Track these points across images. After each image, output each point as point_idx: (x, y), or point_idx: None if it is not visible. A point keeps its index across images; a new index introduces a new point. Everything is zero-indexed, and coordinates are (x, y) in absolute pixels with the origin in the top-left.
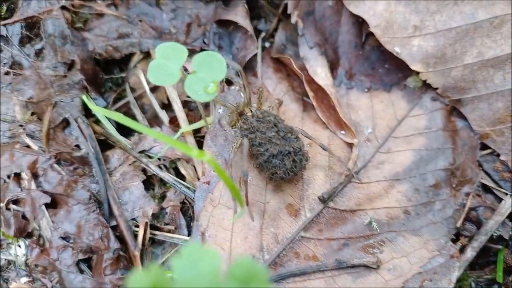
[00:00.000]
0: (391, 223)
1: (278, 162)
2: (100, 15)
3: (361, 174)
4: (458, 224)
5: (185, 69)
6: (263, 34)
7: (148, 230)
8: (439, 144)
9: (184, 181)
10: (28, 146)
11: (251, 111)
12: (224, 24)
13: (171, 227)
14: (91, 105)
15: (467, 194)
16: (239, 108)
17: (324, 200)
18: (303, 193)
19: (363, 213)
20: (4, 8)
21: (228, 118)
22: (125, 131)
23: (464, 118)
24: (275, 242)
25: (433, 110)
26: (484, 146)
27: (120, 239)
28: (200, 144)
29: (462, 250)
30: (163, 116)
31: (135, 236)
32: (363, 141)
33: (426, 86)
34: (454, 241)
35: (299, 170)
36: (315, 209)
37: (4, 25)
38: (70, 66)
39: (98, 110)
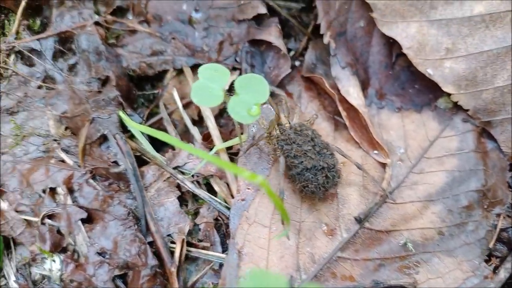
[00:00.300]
0: (426, 244)
1: (310, 176)
2: (133, 31)
3: (395, 194)
4: (490, 245)
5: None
6: (292, 53)
7: (185, 247)
8: (471, 165)
9: (215, 197)
10: (63, 161)
11: (289, 122)
12: (256, 43)
13: (206, 244)
14: (129, 122)
15: (498, 215)
16: (277, 120)
17: (360, 220)
18: (338, 212)
19: (398, 233)
20: (38, 22)
21: (263, 132)
22: (156, 147)
23: (493, 139)
24: (312, 261)
25: (464, 131)
26: None
27: (156, 255)
28: (232, 161)
29: (495, 270)
30: (195, 132)
31: (171, 252)
32: (396, 161)
33: (457, 107)
34: (487, 261)
35: (331, 186)
36: (351, 229)
37: (38, 39)
38: (104, 82)
39: (136, 126)
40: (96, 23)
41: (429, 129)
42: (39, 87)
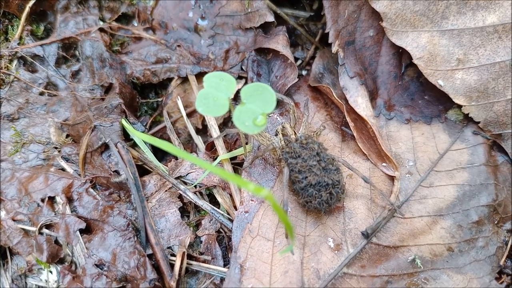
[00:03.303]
0: (434, 261)
1: (314, 192)
2: (138, 38)
3: (403, 208)
4: (501, 262)
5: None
6: (299, 62)
7: (185, 260)
8: (482, 179)
9: (218, 208)
10: (63, 169)
11: (295, 133)
12: (262, 51)
13: (207, 257)
14: (131, 130)
15: (509, 231)
16: (283, 131)
17: (367, 235)
18: (344, 227)
19: (407, 249)
20: (42, 28)
21: (266, 145)
22: (159, 156)
23: (504, 152)
24: (317, 277)
25: (475, 144)
26: None
27: (156, 268)
28: (236, 172)
29: None
30: (199, 142)
31: (171, 265)
32: (405, 174)
33: (467, 119)
34: (497, 279)
35: (334, 202)
36: (358, 244)
37: (41, 45)
38: (107, 89)
39: (138, 135)
40: (101, 30)
41: (439, 142)
42: (41, 93)
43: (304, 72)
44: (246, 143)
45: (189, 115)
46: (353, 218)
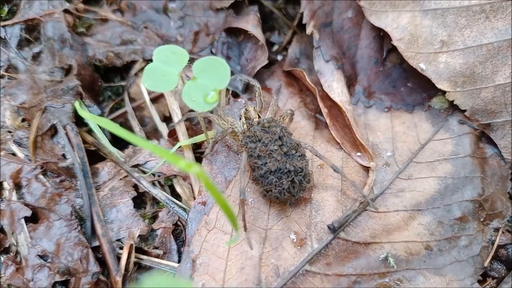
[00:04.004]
0: (410, 260)
1: (274, 180)
2: (105, 20)
3: (377, 202)
4: (486, 263)
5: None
6: (276, 47)
7: (133, 254)
8: (466, 172)
9: (180, 201)
10: (14, 154)
11: (259, 116)
12: (234, 33)
13: (160, 252)
14: (81, 111)
15: (497, 230)
16: (246, 114)
17: (334, 229)
18: (310, 220)
19: (379, 246)
20: (6, 9)
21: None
22: (122, 144)
23: (494, 144)
24: (276, 275)
25: (460, 134)
26: None
27: (102, 261)
28: (200, 161)
29: None
30: (163, 129)
31: (119, 259)
32: (381, 165)
33: (453, 107)
34: (481, 282)
35: (298, 192)
36: (323, 239)
37: (3, 26)
38: (68, 71)
39: (89, 117)
40: (66, 11)
41: (421, 131)
42: (1, 76)
43: (279, 58)
44: (208, 129)
45: (155, 100)
46: (320, 211)
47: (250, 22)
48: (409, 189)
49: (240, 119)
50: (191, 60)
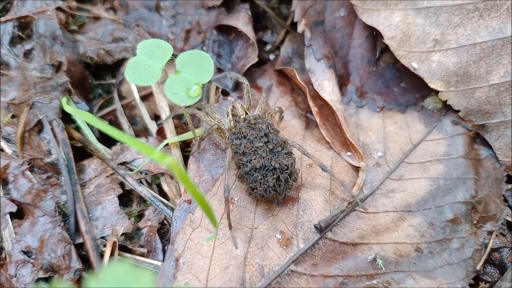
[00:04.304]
0: (399, 262)
1: (259, 177)
2: (97, 18)
3: (367, 202)
4: (478, 267)
5: None
6: (269, 46)
7: (117, 251)
8: (459, 173)
9: (167, 199)
10: (1, 150)
11: (247, 113)
12: (225, 31)
13: (144, 250)
14: (67, 107)
15: (490, 233)
16: (233, 111)
17: (321, 229)
18: (297, 219)
19: (367, 247)
20: (0, 6)
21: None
22: (110, 141)
23: (488, 146)
24: (260, 275)
25: (454, 134)
26: (510, 179)
27: (86, 259)
28: (187, 159)
29: None
30: (152, 126)
31: (102, 256)
32: (372, 165)
33: (446, 107)
34: (474, 286)
35: (284, 190)
36: (309, 239)
37: None
38: (58, 68)
39: (73, 112)
40: (59, 9)
41: (414, 132)
42: None
43: (272, 57)
44: (196, 127)
45: (145, 98)
46: (308, 210)
47: (240, 20)
48: (399, 190)
49: (228, 116)
50: None
